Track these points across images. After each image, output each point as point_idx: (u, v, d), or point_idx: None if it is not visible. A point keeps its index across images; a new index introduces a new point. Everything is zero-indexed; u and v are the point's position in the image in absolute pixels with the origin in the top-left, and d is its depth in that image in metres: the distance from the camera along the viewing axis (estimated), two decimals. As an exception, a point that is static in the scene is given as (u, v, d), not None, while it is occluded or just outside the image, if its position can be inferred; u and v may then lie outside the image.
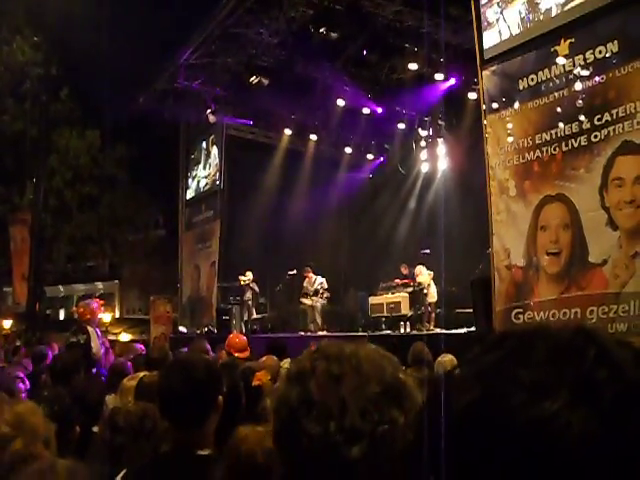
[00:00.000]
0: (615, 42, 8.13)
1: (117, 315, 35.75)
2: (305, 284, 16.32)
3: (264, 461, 2.06)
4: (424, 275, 14.29)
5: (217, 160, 18.93)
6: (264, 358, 5.80)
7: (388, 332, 14.54)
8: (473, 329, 11.01)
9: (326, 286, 16.11)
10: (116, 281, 38.40)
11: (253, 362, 5.80)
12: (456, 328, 12.31)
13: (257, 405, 3.73)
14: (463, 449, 0.61)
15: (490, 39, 10.03)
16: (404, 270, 15.55)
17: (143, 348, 8.76)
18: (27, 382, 5.30)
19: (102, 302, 9.02)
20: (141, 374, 4.24)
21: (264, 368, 4.80)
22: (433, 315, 14.10)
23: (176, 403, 2.46)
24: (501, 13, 9.83)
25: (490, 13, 10.05)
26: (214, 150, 19.19)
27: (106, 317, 26.41)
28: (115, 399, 4.14)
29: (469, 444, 0.60)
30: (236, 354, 6.98)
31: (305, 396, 1.13)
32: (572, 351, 0.61)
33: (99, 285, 39.21)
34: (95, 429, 3.86)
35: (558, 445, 0.56)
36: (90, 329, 7.83)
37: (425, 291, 14.22)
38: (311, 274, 16.32)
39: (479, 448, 0.59)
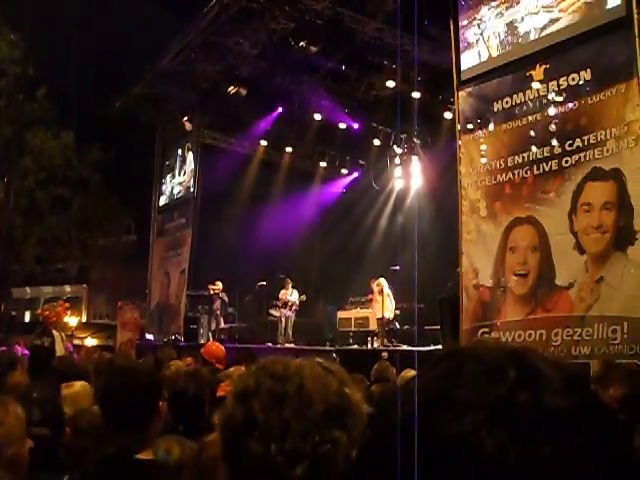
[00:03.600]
0: (588, 70, 8.29)
1: (84, 319, 35.33)
2: (281, 295, 16.30)
3: None
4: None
5: (192, 166, 18.85)
6: (232, 368, 5.70)
7: (355, 347, 14.55)
8: (440, 347, 11.06)
9: (298, 302, 16.15)
10: (84, 285, 37.96)
11: (221, 372, 5.74)
12: (424, 345, 12.34)
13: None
14: (393, 463, 0.62)
15: (469, 60, 10.16)
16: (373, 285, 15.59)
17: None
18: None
19: (67, 305, 8.92)
20: (78, 383, 4.23)
21: (229, 378, 4.76)
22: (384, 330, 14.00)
23: (118, 408, 2.49)
24: (481, 34, 9.97)
25: (470, 34, 10.18)
26: (190, 156, 19.09)
27: (72, 321, 26.11)
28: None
29: (399, 458, 0.61)
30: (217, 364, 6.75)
31: (249, 416, 1.15)
32: (496, 372, 0.63)
33: (67, 288, 38.73)
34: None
35: (471, 464, 0.57)
36: (55, 332, 7.76)
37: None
38: (290, 287, 16.35)
39: (407, 463, 0.60)
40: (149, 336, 19.15)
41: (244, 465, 1.14)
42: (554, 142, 8.71)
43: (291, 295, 16.20)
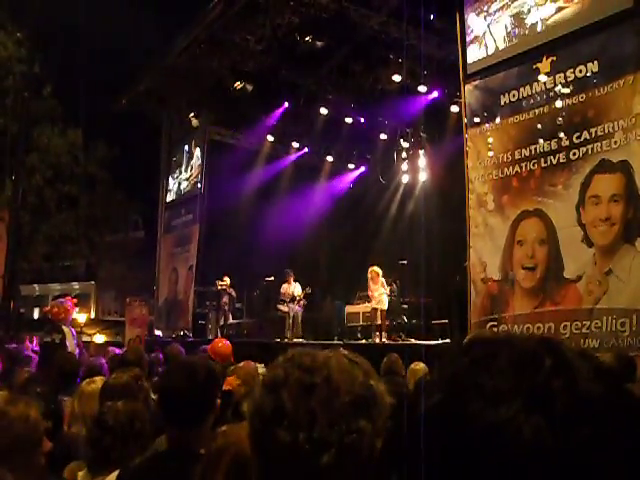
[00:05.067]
0: (595, 62, 8.26)
1: (92, 316, 35.47)
2: (284, 289, 16.21)
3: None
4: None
5: (199, 161, 18.86)
6: (242, 363, 5.70)
7: (363, 341, 14.54)
8: (448, 341, 11.05)
9: (302, 294, 16.04)
10: (92, 282, 38.12)
11: (230, 367, 5.72)
12: (431, 339, 12.32)
13: (227, 410, 3.73)
14: (425, 451, 0.62)
15: (475, 53, 10.13)
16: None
17: (118, 351, 8.66)
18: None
19: (75, 301, 8.91)
20: (98, 378, 4.24)
21: (235, 373, 4.78)
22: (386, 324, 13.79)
23: (179, 403, 2.51)
24: (488, 27, 9.94)
25: (476, 27, 10.15)
26: (196, 152, 19.11)
27: (81, 318, 26.20)
28: (72, 402, 4.07)
29: (431, 446, 0.62)
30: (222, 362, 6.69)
31: (278, 405, 1.17)
32: (531, 361, 0.63)
33: (75, 285, 38.88)
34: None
35: (509, 450, 0.58)
36: (65, 328, 7.78)
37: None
38: (292, 280, 16.27)
39: (439, 450, 0.61)
40: (157, 332, 19.20)
41: (273, 453, 1.17)
42: (561, 135, 8.68)
43: (294, 289, 16.11)
